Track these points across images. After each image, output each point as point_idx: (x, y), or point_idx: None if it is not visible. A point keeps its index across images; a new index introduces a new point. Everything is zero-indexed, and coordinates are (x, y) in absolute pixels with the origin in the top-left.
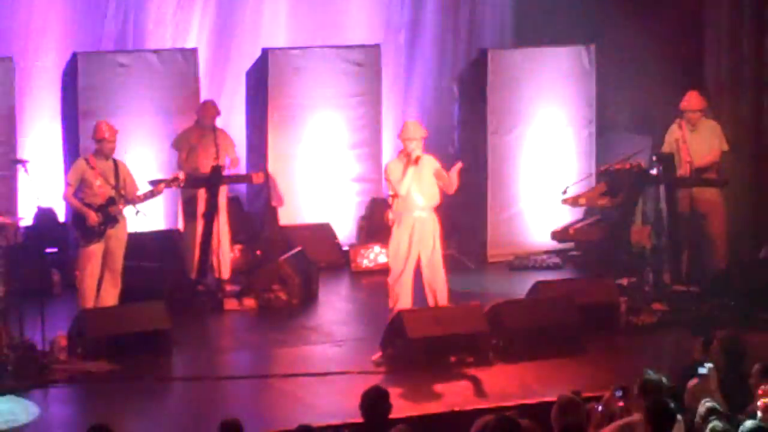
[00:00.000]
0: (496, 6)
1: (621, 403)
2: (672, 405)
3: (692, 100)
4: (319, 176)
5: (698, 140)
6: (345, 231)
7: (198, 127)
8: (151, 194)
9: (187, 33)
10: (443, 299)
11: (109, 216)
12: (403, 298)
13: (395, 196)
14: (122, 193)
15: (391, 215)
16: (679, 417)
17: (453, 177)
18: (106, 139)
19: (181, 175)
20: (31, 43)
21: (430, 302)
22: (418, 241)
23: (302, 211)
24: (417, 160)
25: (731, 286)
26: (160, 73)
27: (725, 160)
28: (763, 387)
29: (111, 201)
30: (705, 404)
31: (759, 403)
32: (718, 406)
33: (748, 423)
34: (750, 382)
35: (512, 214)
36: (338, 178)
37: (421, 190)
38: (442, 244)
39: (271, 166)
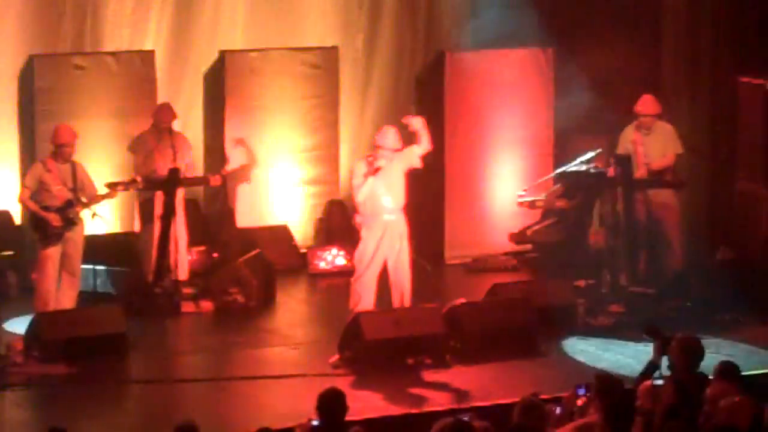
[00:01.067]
0: (454, 8)
1: (579, 403)
2: (624, 401)
3: (647, 104)
4: (277, 178)
5: (653, 143)
6: (302, 233)
7: (155, 130)
8: (106, 196)
9: (145, 35)
10: (408, 301)
11: (67, 219)
12: (365, 299)
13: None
14: (79, 196)
15: (358, 218)
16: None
17: (422, 135)
18: (65, 143)
19: (139, 178)
20: None
21: (396, 303)
22: (387, 244)
23: (259, 213)
24: (376, 172)
25: (688, 288)
26: (118, 76)
27: (681, 162)
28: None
29: (69, 204)
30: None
31: (720, 404)
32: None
33: None
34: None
35: (470, 216)
36: (295, 180)
37: (390, 191)
38: (410, 246)
39: (228, 168)
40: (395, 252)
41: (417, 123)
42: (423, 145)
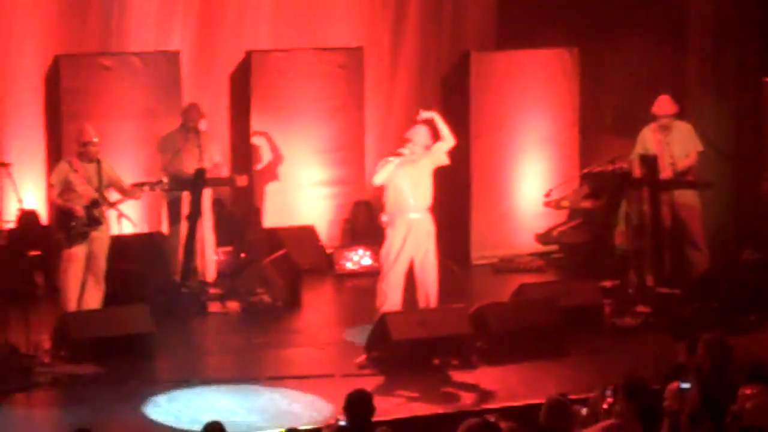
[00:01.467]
0: (480, 8)
1: (606, 405)
2: (657, 405)
3: (664, 104)
4: (303, 178)
5: (674, 143)
6: (329, 234)
7: (182, 130)
8: (131, 197)
9: (170, 35)
10: (434, 301)
11: (93, 218)
12: (391, 299)
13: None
14: (105, 195)
15: (384, 217)
16: None
17: (441, 130)
18: (90, 143)
19: (165, 179)
20: (14, 45)
21: (421, 304)
22: (412, 243)
23: (286, 213)
24: (398, 155)
25: (714, 289)
26: (143, 76)
27: (706, 161)
28: (749, 388)
29: (94, 203)
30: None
31: (747, 405)
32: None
33: None
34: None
35: (496, 216)
36: (322, 180)
37: (415, 190)
38: (436, 246)
39: (255, 169)
40: (422, 252)
41: (431, 117)
42: (446, 141)
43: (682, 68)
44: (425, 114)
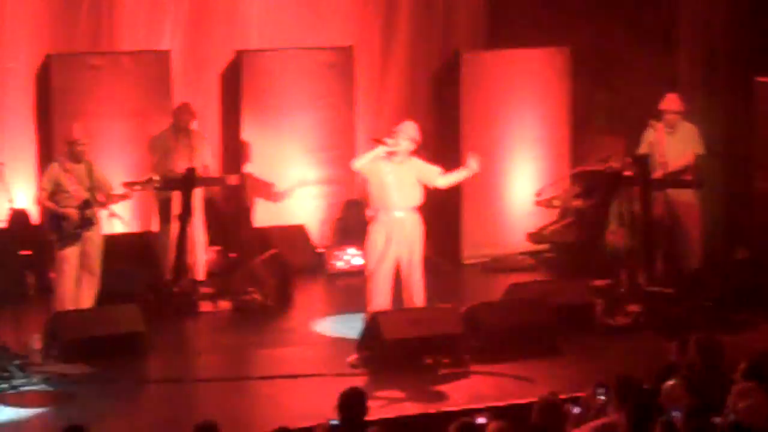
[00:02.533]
0: (470, 7)
1: (597, 404)
2: (650, 404)
3: (672, 101)
4: (293, 178)
5: (675, 142)
6: (320, 233)
7: (173, 130)
8: (123, 196)
9: (161, 35)
10: (420, 301)
11: (85, 218)
12: (378, 299)
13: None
14: (96, 196)
15: (369, 212)
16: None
17: (472, 165)
18: (77, 141)
19: (155, 178)
20: (4, 44)
21: (407, 304)
22: (396, 242)
23: (277, 213)
24: (379, 142)
25: (706, 288)
26: (134, 75)
27: (700, 162)
28: (741, 386)
29: (86, 204)
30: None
31: (740, 405)
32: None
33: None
34: (734, 378)
35: (487, 215)
36: (312, 179)
37: (400, 190)
38: (425, 246)
39: (246, 168)
40: (406, 252)
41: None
42: (444, 182)
43: (674, 67)
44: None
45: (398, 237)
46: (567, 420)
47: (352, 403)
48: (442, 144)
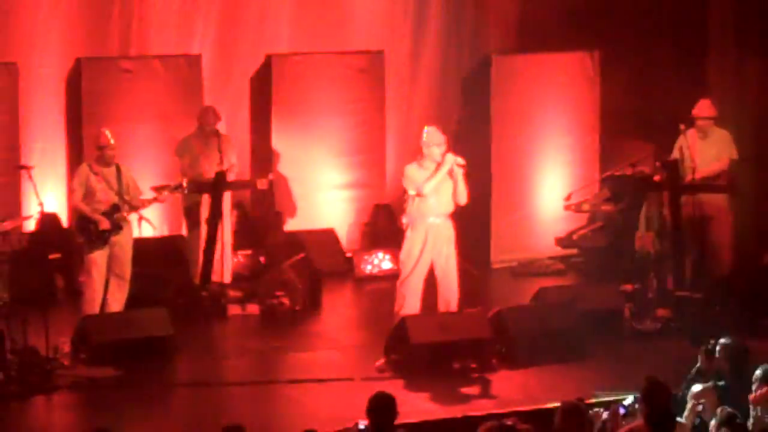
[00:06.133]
0: (500, 11)
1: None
2: (672, 409)
3: (704, 107)
4: (323, 182)
5: (707, 148)
6: (349, 237)
7: (200, 134)
8: (154, 200)
9: (191, 39)
10: (454, 306)
11: (114, 223)
12: (409, 303)
13: (417, 195)
14: (126, 199)
15: (405, 219)
16: (681, 420)
17: (460, 188)
18: (107, 146)
19: (185, 182)
20: (36, 48)
21: (442, 308)
22: (431, 247)
23: (306, 217)
24: (462, 167)
25: (735, 293)
26: (164, 79)
27: (734, 167)
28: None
29: (115, 208)
30: (725, 410)
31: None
32: (737, 414)
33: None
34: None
35: (516, 220)
36: (342, 183)
37: (437, 196)
38: (456, 251)
39: (275, 172)
40: (443, 257)
41: (462, 164)
42: (460, 197)
43: (704, 72)
44: (457, 159)
45: (434, 242)
46: (591, 425)
47: (382, 407)
48: (471, 149)
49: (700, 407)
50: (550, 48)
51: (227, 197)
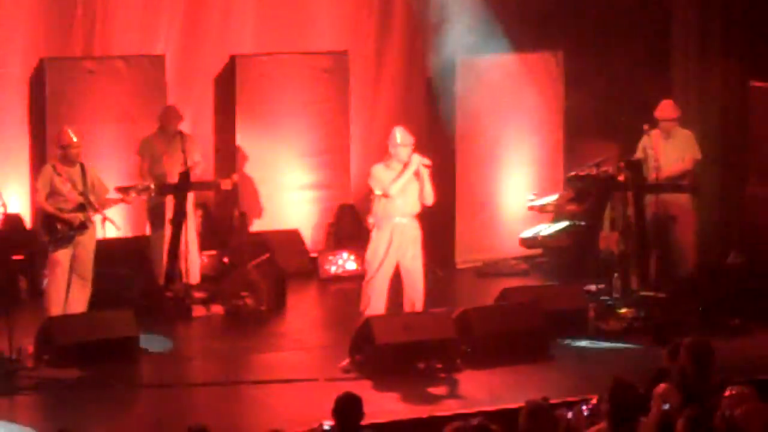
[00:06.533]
0: (465, 13)
1: (587, 409)
2: (633, 407)
3: (666, 108)
4: (288, 182)
5: (670, 148)
6: (313, 237)
7: (161, 134)
8: (120, 201)
9: (155, 39)
10: (420, 306)
11: (79, 222)
12: (375, 303)
13: (383, 196)
14: (91, 199)
15: (371, 219)
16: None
17: (427, 188)
18: (71, 144)
19: (152, 185)
20: None
21: (407, 309)
22: (397, 247)
23: (271, 217)
24: (428, 167)
25: (699, 293)
26: (128, 80)
27: (698, 167)
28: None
29: (81, 208)
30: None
31: (737, 411)
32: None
33: None
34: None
35: (480, 220)
36: (306, 184)
37: (404, 196)
38: (423, 251)
39: (239, 173)
40: (408, 257)
41: (427, 164)
42: (426, 198)
43: (668, 72)
44: (423, 160)
45: (399, 243)
46: (557, 425)
47: (348, 407)
48: (436, 149)
49: (665, 407)
50: (514, 48)
51: (191, 197)
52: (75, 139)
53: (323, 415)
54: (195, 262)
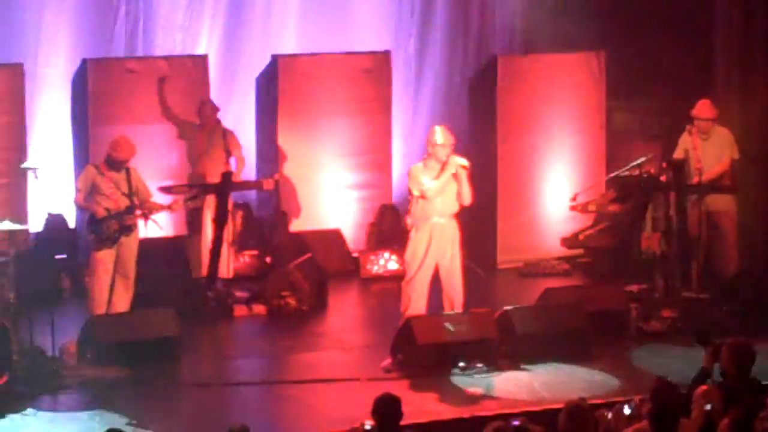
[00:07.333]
0: (506, 12)
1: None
2: (675, 407)
3: (703, 108)
4: (329, 182)
5: (709, 148)
6: (354, 237)
7: (203, 131)
8: (168, 209)
9: (197, 39)
10: (460, 306)
11: (124, 225)
12: (415, 303)
13: (421, 197)
14: (137, 202)
15: (409, 220)
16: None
17: (464, 189)
18: (125, 159)
19: (195, 191)
20: (42, 49)
21: (447, 309)
22: (435, 248)
23: (312, 217)
24: (466, 168)
25: (741, 294)
26: (170, 80)
27: (736, 166)
28: None
29: (128, 210)
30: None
31: None
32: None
33: None
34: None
35: (522, 220)
36: (348, 184)
37: (441, 196)
38: (462, 251)
39: (281, 172)
40: (447, 257)
41: (465, 165)
42: (464, 198)
43: (710, 71)
44: (461, 161)
45: (438, 243)
46: (597, 426)
47: (387, 408)
48: (478, 148)
49: (707, 407)
50: (556, 48)
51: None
52: (126, 154)
53: (364, 414)
54: (226, 255)
